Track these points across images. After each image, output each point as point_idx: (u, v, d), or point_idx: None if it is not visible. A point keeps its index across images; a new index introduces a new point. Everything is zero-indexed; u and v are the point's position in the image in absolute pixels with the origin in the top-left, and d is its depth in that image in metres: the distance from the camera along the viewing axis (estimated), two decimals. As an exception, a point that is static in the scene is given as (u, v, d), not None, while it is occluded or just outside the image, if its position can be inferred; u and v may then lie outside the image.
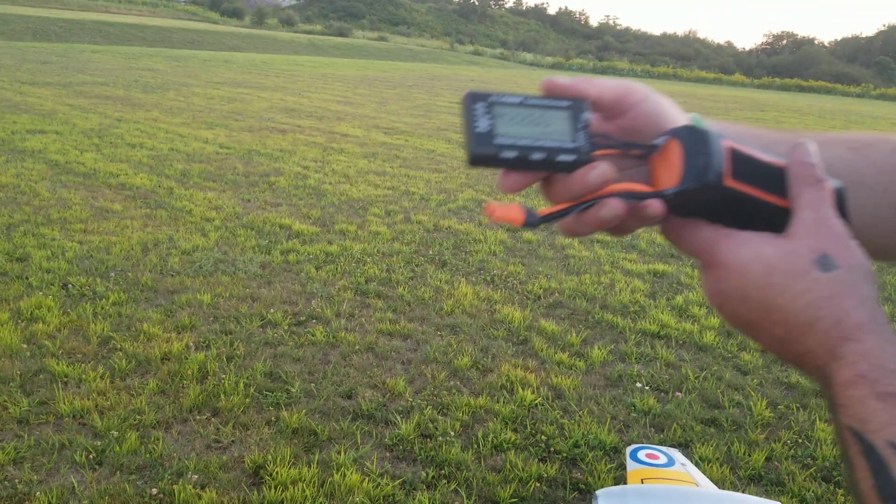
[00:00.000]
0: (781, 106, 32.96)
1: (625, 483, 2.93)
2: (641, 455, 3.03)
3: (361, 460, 3.25)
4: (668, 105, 0.66)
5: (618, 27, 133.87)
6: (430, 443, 3.40)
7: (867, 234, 0.64)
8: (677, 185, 0.60)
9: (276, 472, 3.07)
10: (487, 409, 3.74)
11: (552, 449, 3.41)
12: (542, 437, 3.50)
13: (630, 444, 3.26)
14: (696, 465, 3.23)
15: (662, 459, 3.00)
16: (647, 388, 4.10)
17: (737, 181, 0.59)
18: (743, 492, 3.14)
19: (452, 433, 3.49)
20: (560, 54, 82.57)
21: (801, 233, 0.58)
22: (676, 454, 3.04)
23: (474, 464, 3.26)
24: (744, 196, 0.60)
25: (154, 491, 2.95)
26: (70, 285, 4.95)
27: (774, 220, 0.61)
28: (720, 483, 3.17)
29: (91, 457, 3.14)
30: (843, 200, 0.62)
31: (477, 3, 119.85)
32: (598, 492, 2.53)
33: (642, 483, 2.82)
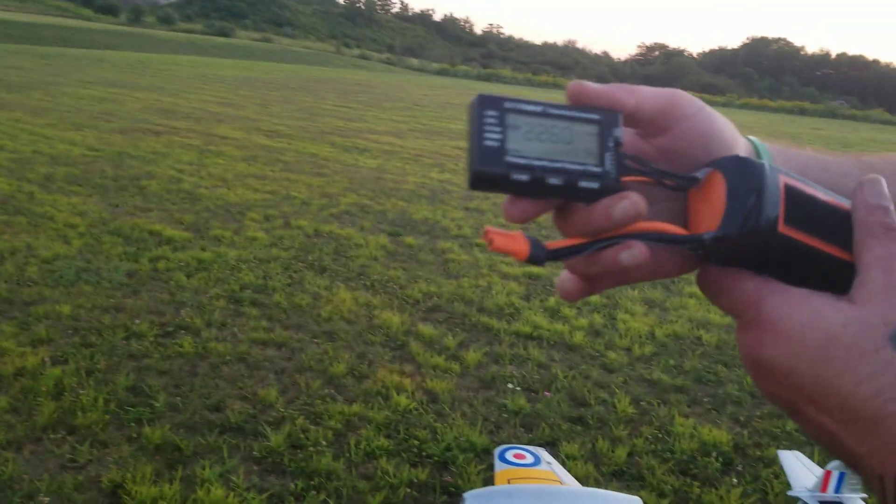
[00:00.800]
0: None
1: (492, 484, 2.97)
2: (509, 455, 3.09)
3: (228, 475, 3.16)
4: (722, 124, 0.54)
5: (501, 36, 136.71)
6: (301, 453, 3.34)
7: None
8: (717, 228, 0.49)
9: (136, 491, 2.94)
10: (362, 416, 3.72)
11: (424, 453, 3.43)
12: (415, 441, 3.51)
13: (500, 445, 3.32)
14: (563, 463, 3.33)
15: (529, 459, 3.06)
16: (518, 388, 4.19)
17: (791, 227, 0.48)
18: (606, 487, 3.25)
19: (325, 442, 3.45)
20: (446, 60, 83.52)
21: (870, 298, 0.45)
22: (543, 453, 3.12)
23: (345, 473, 3.23)
24: (800, 246, 0.48)
25: (-1, 517, 2.77)
26: (-89, 298, 4.57)
27: (836, 277, 0.49)
28: (584, 480, 3.27)
29: (-72, 484, 2.91)
30: None
31: (363, 6, 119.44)
32: (465, 494, 2.56)
33: (509, 483, 2.87)
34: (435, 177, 11.04)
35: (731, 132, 0.55)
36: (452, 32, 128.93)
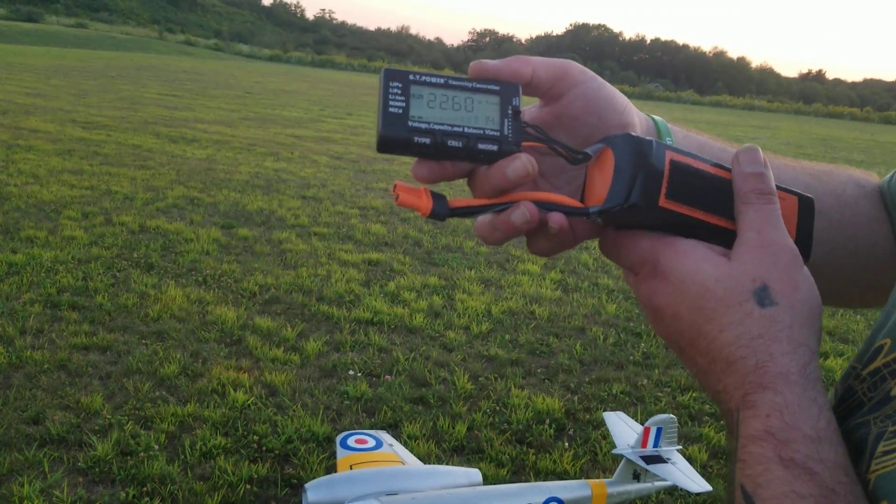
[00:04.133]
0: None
1: (335, 472, 2.96)
2: (351, 441, 3.09)
3: (50, 490, 2.95)
4: (612, 92, 0.58)
5: (334, 21, 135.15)
6: (132, 460, 3.18)
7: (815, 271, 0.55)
8: (602, 202, 0.53)
9: (-59, 519, 2.68)
10: (196, 416, 3.59)
11: (265, 448, 3.36)
12: (255, 437, 3.43)
13: (342, 433, 3.31)
14: (404, 443, 3.37)
15: (371, 443, 3.08)
16: (359, 374, 4.20)
17: (673, 201, 0.52)
18: (447, 463, 3.33)
19: (157, 446, 3.29)
20: (278, 47, 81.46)
21: (744, 257, 0.51)
22: (384, 436, 3.14)
23: (181, 475, 3.10)
24: (682, 217, 0.53)
25: None
26: None
27: (722, 239, 0.54)
28: (426, 458, 3.33)
29: None
30: (810, 216, 0.57)
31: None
32: (306, 485, 2.54)
33: (351, 469, 2.87)
34: (269, 166, 10.77)
35: (623, 103, 0.58)
36: (283, 18, 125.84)
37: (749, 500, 0.47)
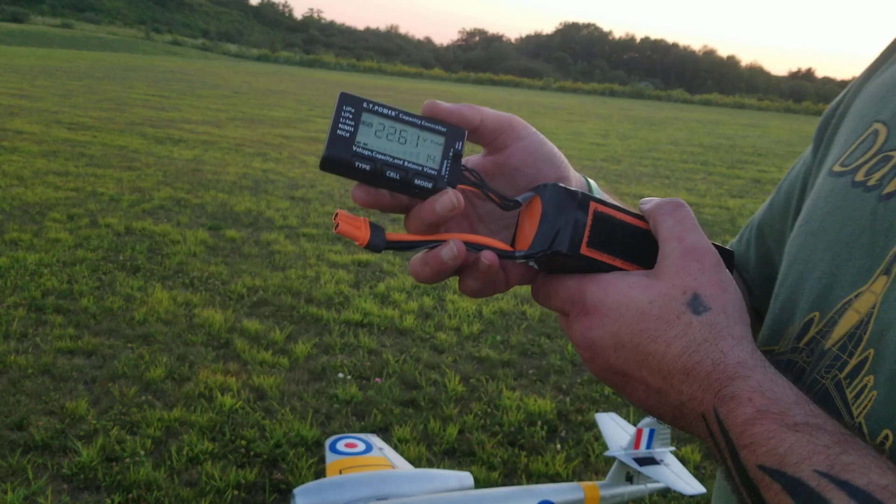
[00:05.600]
0: (475, 99, 35.42)
1: (324, 476, 2.92)
2: (340, 445, 3.05)
3: (34, 497, 2.90)
4: (552, 149, 0.62)
5: (322, 20, 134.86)
6: (117, 466, 3.12)
7: None
8: (527, 248, 0.57)
9: (-79, 530, 2.62)
10: (183, 420, 3.53)
11: (253, 453, 3.31)
12: (243, 442, 3.38)
13: (331, 436, 3.27)
14: (395, 447, 3.33)
15: (361, 447, 3.04)
16: (349, 377, 4.15)
17: (594, 249, 0.56)
18: (438, 467, 3.29)
19: (143, 452, 3.24)
20: (266, 46, 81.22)
21: (671, 271, 0.54)
22: (374, 440, 3.10)
23: (167, 481, 3.05)
24: (603, 265, 0.57)
25: None
26: None
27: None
28: (417, 461, 3.29)
29: None
30: (730, 268, 0.60)
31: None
32: (295, 490, 2.50)
33: (340, 473, 2.84)
34: (258, 166, 10.70)
35: (560, 159, 0.63)
36: (271, 17, 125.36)
37: (779, 474, 0.46)
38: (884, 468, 0.44)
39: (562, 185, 0.57)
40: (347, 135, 0.55)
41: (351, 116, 0.55)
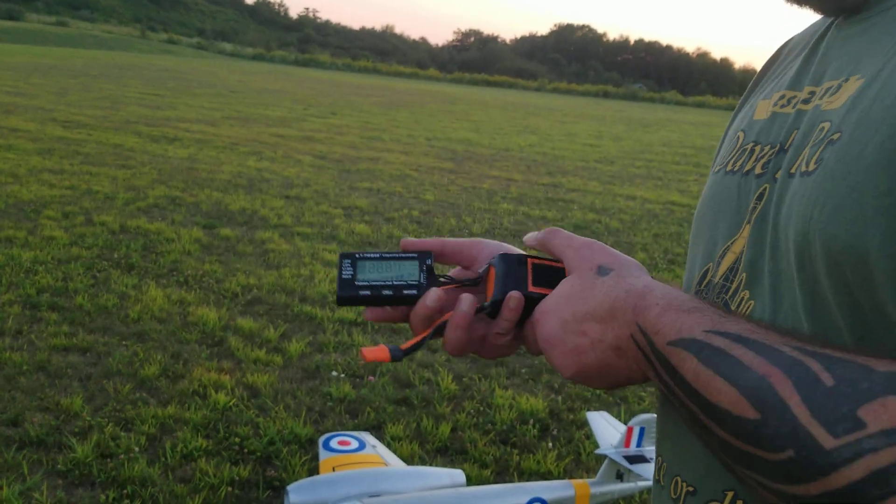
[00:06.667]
0: (470, 99, 35.46)
1: (317, 473, 2.95)
2: (333, 443, 3.07)
3: (29, 492, 2.92)
4: (500, 244, 0.81)
5: (318, 20, 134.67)
6: (112, 462, 3.14)
7: None
8: (490, 298, 0.75)
9: (-84, 524, 2.64)
10: (177, 417, 3.55)
11: (246, 450, 3.33)
12: (236, 439, 3.40)
13: (324, 434, 3.30)
14: (388, 445, 3.35)
15: (354, 445, 3.06)
16: (343, 375, 4.18)
17: (538, 287, 0.74)
18: (430, 464, 3.32)
19: (137, 448, 3.26)
20: (261, 45, 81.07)
21: (577, 264, 0.71)
22: (367, 437, 3.13)
23: (161, 478, 3.07)
24: (546, 296, 0.73)
25: None
26: None
27: None
28: (409, 459, 3.32)
29: None
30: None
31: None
32: (288, 487, 2.52)
33: (334, 471, 2.86)
34: (252, 165, 10.72)
35: (506, 246, 0.81)
36: (266, 16, 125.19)
37: (678, 343, 0.57)
38: (755, 324, 0.56)
39: (504, 253, 0.77)
40: (350, 277, 0.77)
41: (349, 265, 0.77)
